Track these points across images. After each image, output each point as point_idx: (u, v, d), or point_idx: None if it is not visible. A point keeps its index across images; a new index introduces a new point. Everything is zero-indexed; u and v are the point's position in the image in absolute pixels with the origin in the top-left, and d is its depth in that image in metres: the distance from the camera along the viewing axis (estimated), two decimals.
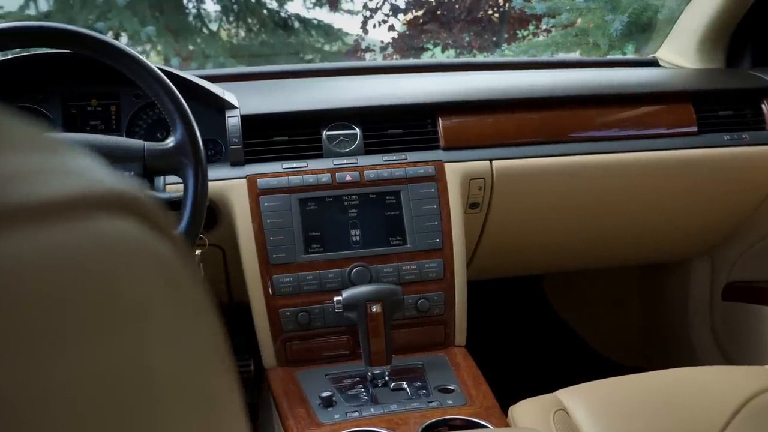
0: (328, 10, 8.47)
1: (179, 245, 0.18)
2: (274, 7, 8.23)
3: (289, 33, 8.26)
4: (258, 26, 8.13)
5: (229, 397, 0.20)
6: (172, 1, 7.28)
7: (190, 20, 7.56)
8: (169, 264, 0.17)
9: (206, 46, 7.28)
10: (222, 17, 7.97)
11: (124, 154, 0.94)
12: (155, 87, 0.96)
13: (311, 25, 8.27)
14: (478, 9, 7.46)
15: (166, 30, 6.85)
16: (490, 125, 1.29)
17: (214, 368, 0.19)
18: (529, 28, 6.66)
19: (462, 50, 7.47)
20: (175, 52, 6.83)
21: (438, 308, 1.19)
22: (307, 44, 8.42)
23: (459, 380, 1.08)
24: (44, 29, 0.94)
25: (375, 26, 8.16)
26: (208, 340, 0.19)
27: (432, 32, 7.75)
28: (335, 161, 1.21)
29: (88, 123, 1.28)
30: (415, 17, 7.97)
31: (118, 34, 7.15)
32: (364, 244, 1.18)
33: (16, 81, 1.23)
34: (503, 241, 1.40)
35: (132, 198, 0.16)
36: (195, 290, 0.18)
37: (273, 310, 1.15)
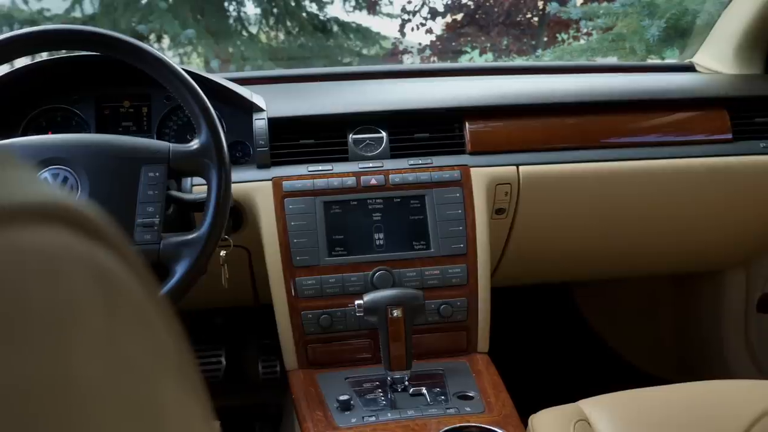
0: (366, 13, 8.50)
1: (123, 253, 0.18)
2: (314, 11, 8.30)
3: (328, 36, 8.31)
4: (297, 29, 8.20)
5: (182, 408, 0.20)
6: (213, 4, 7.38)
7: (230, 23, 7.66)
8: (107, 272, 0.17)
9: (245, 48, 7.36)
10: (262, 20, 8.06)
11: (150, 155, 0.96)
12: (181, 89, 0.97)
13: (349, 28, 8.31)
14: (517, 12, 7.41)
15: (207, 32, 6.95)
16: (518, 130, 1.28)
17: (162, 378, 0.19)
18: (570, 32, 6.59)
19: (500, 54, 7.42)
20: (214, 54, 6.93)
21: (461, 314, 1.18)
22: (345, 47, 8.46)
23: (479, 387, 1.07)
24: (74, 32, 0.97)
25: (413, 29, 8.16)
26: (154, 350, 0.19)
27: (470, 35, 7.72)
28: (361, 165, 1.21)
29: (120, 124, 1.31)
30: (453, 20, 7.94)
31: (160, 37, 7.29)
32: (387, 248, 1.18)
33: (51, 82, 1.26)
34: (530, 248, 1.39)
35: (62, 207, 0.16)
36: (141, 298, 0.18)
37: (295, 312, 1.15)
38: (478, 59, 7.72)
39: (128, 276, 0.18)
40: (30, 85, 1.24)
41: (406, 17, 8.09)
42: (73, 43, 0.98)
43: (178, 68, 0.98)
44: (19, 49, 0.97)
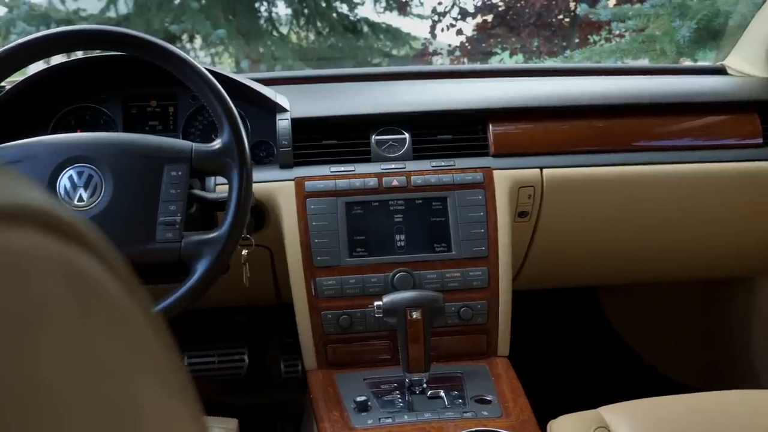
0: (397, 14, 8.51)
1: (101, 255, 0.18)
2: (344, 11, 8.33)
3: (358, 37, 8.33)
4: (327, 30, 8.24)
5: (163, 410, 0.20)
6: (245, 5, 7.45)
7: (261, 23, 7.72)
8: (81, 273, 0.17)
9: (276, 48, 7.42)
10: (292, 20, 8.11)
11: (173, 154, 0.97)
12: (204, 89, 0.98)
13: (380, 29, 8.33)
14: (549, 13, 7.35)
15: (238, 33, 7.02)
16: (542, 133, 1.27)
17: (141, 380, 0.19)
18: (602, 33, 6.51)
19: (530, 55, 7.37)
20: (245, 54, 6.99)
21: (481, 317, 1.17)
22: (375, 48, 8.48)
23: (497, 391, 1.06)
24: (100, 33, 0.98)
25: (443, 30, 8.14)
26: (133, 351, 0.19)
27: (500, 36, 7.68)
28: (383, 166, 1.21)
29: (147, 123, 1.32)
30: (483, 21, 7.91)
31: (193, 37, 7.38)
32: (408, 250, 1.17)
33: (80, 82, 1.28)
34: (554, 251, 1.37)
35: (34, 209, 0.16)
36: (120, 300, 0.18)
37: (315, 312, 1.16)
38: (508, 60, 7.68)
39: (106, 277, 0.18)
40: (60, 84, 1.26)
41: (436, 18, 8.08)
42: (100, 43, 0.99)
43: (201, 68, 0.99)
44: (49, 49, 0.98)
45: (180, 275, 0.96)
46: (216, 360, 1.72)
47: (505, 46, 7.69)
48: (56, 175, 0.94)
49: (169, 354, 0.21)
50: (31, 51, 0.97)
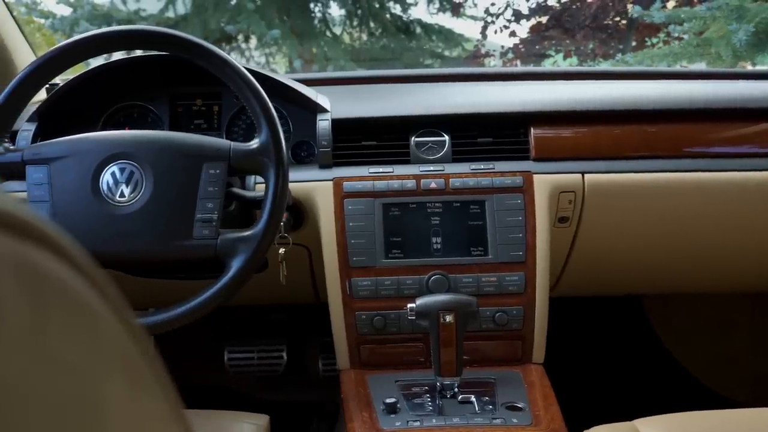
0: (450, 15, 8.49)
1: (64, 253, 0.18)
2: (397, 12, 8.35)
3: (410, 38, 8.34)
4: (380, 31, 8.27)
5: (131, 407, 0.20)
6: (299, 6, 7.54)
7: (315, 24, 7.81)
8: (37, 271, 0.17)
9: (329, 49, 7.49)
10: (346, 21, 8.18)
11: (212, 153, 0.98)
12: (244, 89, 0.99)
13: (432, 30, 8.32)
14: (605, 15, 7.20)
15: (292, 33, 7.11)
16: (585, 137, 1.24)
17: (106, 377, 0.19)
18: (660, 36, 6.36)
19: (585, 58, 7.24)
20: (298, 54, 7.08)
21: (516, 323, 1.16)
22: (427, 49, 8.47)
23: (529, 399, 1.04)
24: (143, 33, 1.00)
25: (496, 32, 8.08)
26: (96, 349, 0.19)
27: (554, 38, 7.57)
28: (422, 168, 1.21)
29: (192, 122, 1.35)
30: (537, 23, 7.81)
31: (248, 37, 7.51)
32: (444, 253, 1.17)
33: (130, 81, 1.31)
34: (595, 258, 1.34)
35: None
36: (84, 298, 0.18)
37: (350, 313, 1.16)
38: (562, 63, 7.57)
39: (68, 275, 0.18)
40: (110, 82, 1.30)
41: (490, 19, 8.02)
42: (144, 43, 1.02)
43: (241, 68, 1.00)
44: (95, 48, 1.01)
45: (216, 272, 0.98)
46: (255, 356, 1.74)
47: (559, 48, 7.58)
48: (99, 171, 0.97)
49: (142, 352, 0.21)
50: (79, 50, 1.00)
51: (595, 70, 1.74)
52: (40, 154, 0.99)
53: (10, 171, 0.99)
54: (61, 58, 1.00)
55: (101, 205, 0.96)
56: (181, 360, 1.90)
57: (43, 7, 8.11)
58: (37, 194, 0.98)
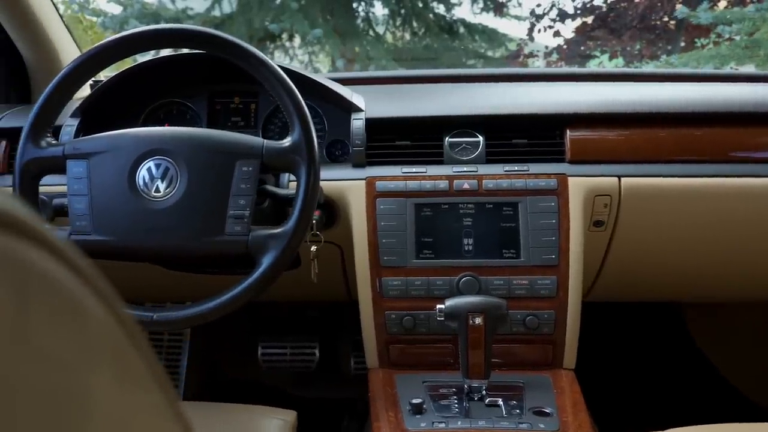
0: (494, 15, 8.43)
1: (50, 246, 0.18)
2: (441, 12, 8.32)
3: (453, 37, 8.31)
4: (423, 30, 8.26)
5: (118, 401, 0.20)
6: (342, 5, 7.58)
7: (358, 23, 7.84)
8: (22, 264, 0.17)
9: (371, 48, 7.51)
10: (389, 21, 8.19)
11: (245, 150, 1.00)
12: (278, 87, 1.00)
13: (476, 30, 8.27)
14: (653, 16, 7.05)
15: (334, 32, 7.15)
16: (623, 140, 1.22)
17: (93, 370, 0.19)
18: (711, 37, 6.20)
19: (631, 59, 7.10)
20: (340, 53, 7.11)
21: (547, 327, 1.14)
22: (470, 49, 8.43)
23: (558, 404, 1.03)
24: (182, 31, 1.02)
25: (540, 32, 7.99)
26: (83, 342, 0.19)
27: (600, 39, 7.45)
28: (455, 168, 1.20)
29: (230, 119, 1.37)
30: (583, 23, 7.70)
31: (292, 36, 7.58)
32: (476, 254, 1.16)
33: (170, 78, 1.34)
34: (631, 263, 1.32)
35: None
36: (71, 291, 0.19)
37: (379, 312, 1.16)
38: (607, 64, 7.45)
39: (54, 267, 0.18)
40: (151, 79, 1.33)
41: (534, 20, 7.94)
42: (182, 41, 1.04)
43: (276, 68, 1.01)
44: (135, 47, 1.04)
45: (246, 267, 0.99)
46: (288, 352, 1.76)
47: (604, 48, 7.46)
48: (136, 167, 0.99)
49: (134, 345, 0.22)
50: (118, 49, 1.02)
51: (635, 71, 1.70)
52: (80, 149, 1.01)
53: (51, 165, 1.02)
54: (100, 57, 1.02)
55: (137, 200, 0.98)
56: (216, 354, 1.93)
57: (95, 6, 8.34)
58: (76, 188, 1.00)
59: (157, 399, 0.23)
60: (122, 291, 1.02)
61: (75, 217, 1.00)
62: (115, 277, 1.00)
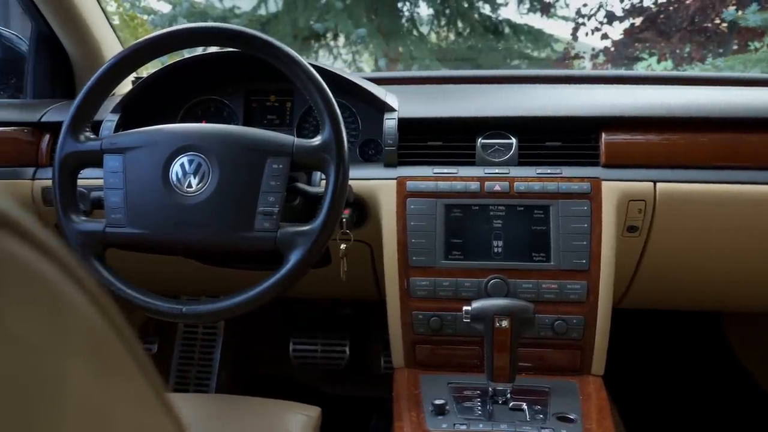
0: (540, 15, 8.34)
1: (28, 235, 0.19)
2: (486, 12, 8.27)
3: (498, 38, 8.25)
4: (467, 30, 8.22)
5: (94, 389, 0.21)
6: (387, 5, 7.59)
7: (402, 23, 7.84)
8: (6, 255, 0.18)
9: (414, 48, 7.51)
10: (433, 21, 8.17)
11: (276, 148, 1.01)
12: (309, 86, 1.01)
13: (521, 30, 8.20)
14: (704, 18, 6.88)
15: (378, 32, 7.17)
16: (659, 144, 1.19)
17: (68, 359, 0.20)
18: (765, 40, 6.02)
19: (680, 62, 6.94)
20: (383, 53, 7.12)
21: (576, 332, 1.13)
22: (515, 50, 8.35)
23: (583, 411, 1.01)
24: (214, 30, 1.04)
25: (587, 33, 7.87)
26: (59, 330, 0.19)
27: (648, 41, 7.30)
28: (486, 170, 1.20)
29: (265, 117, 1.39)
30: (631, 25, 7.55)
31: (337, 35, 7.63)
32: (505, 257, 1.15)
33: (208, 75, 1.36)
34: (667, 270, 1.29)
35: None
36: (48, 279, 0.19)
37: (407, 312, 1.16)
38: (656, 66, 7.30)
39: (31, 255, 0.19)
40: (190, 77, 1.35)
41: (581, 21, 7.82)
42: (214, 39, 1.06)
43: (308, 66, 1.02)
44: (170, 45, 1.06)
45: (274, 263, 1.00)
46: (319, 349, 1.78)
47: (653, 51, 7.30)
48: (170, 162, 1.01)
49: (116, 333, 0.22)
50: (154, 47, 1.05)
51: (673, 74, 1.67)
52: (117, 143, 1.04)
53: (89, 158, 1.05)
54: (136, 55, 1.05)
55: (170, 195, 1.00)
56: (249, 349, 1.96)
57: (146, 4, 8.53)
58: (112, 181, 1.03)
59: (143, 390, 0.24)
60: (160, 284, 1.05)
61: (110, 209, 1.03)
62: (153, 271, 1.02)
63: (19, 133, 1.32)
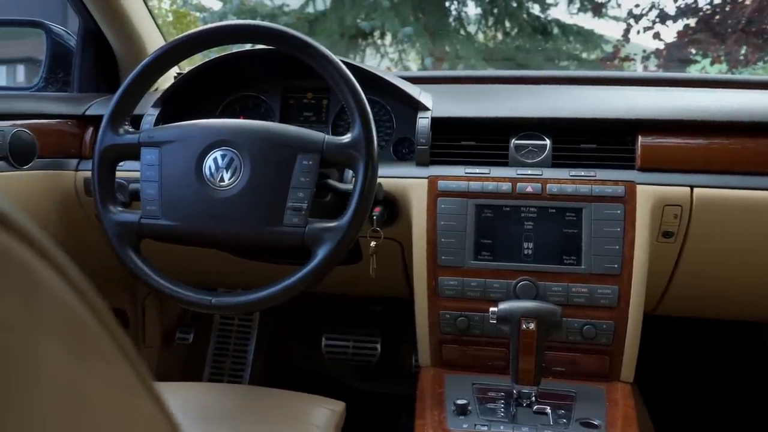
0: (591, 15, 8.20)
1: (9, 223, 0.20)
2: (535, 12, 8.17)
3: (547, 38, 8.14)
4: (516, 30, 8.14)
5: (68, 369, 0.21)
6: (435, 3, 7.57)
7: (449, 22, 7.81)
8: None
9: (461, 47, 7.46)
10: (481, 20, 8.11)
11: (306, 144, 1.02)
12: (340, 83, 1.02)
13: (570, 31, 8.08)
14: (762, 19, 6.67)
15: (425, 31, 7.15)
16: (697, 149, 1.17)
17: (42, 339, 0.21)
18: None
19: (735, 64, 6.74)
20: (429, 52, 7.10)
21: (605, 337, 1.11)
22: (564, 50, 8.23)
23: (608, 417, 1.00)
24: (245, 28, 1.06)
25: (638, 32, 7.70)
26: (35, 309, 0.20)
27: (702, 42, 7.10)
28: (519, 171, 1.19)
29: (302, 114, 1.40)
30: (685, 26, 7.37)
31: (384, 33, 7.65)
32: (535, 259, 1.14)
33: (247, 72, 1.38)
34: (703, 277, 1.26)
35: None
36: (23, 260, 0.20)
37: (434, 311, 1.17)
38: (710, 69, 7.10)
39: (8, 241, 0.20)
40: (229, 73, 1.38)
41: (632, 21, 7.65)
42: (245, 36, 1.08)
43: (340, 64, 1.03)
44: (206, 42, 1.08)
45: (301, 258, 1.01)
46: (351, 345, 1.79)
47: (706, 53, 7.10)
48: (203, 156, 1.03)
49: (95, 317, 0.23)
50: (190, 44, 1.07)
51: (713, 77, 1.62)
52: (154, 137, 1.07)
53: (127, 151, 1.08)
54: (174, 52, 1.08)
55: (202, 188, 1.02)
56: (282, 343, 1.98)
57: (198, 2, 8.69)
58: (148, 174, 1.06)
59: (124, 373, 0.25)
60: (199, 277, 1.08)
61: (146, 201, 1.05)
62: (191, 264, 1.05)
63: (64, 126, 1.37)
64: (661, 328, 1.45)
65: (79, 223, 1.37)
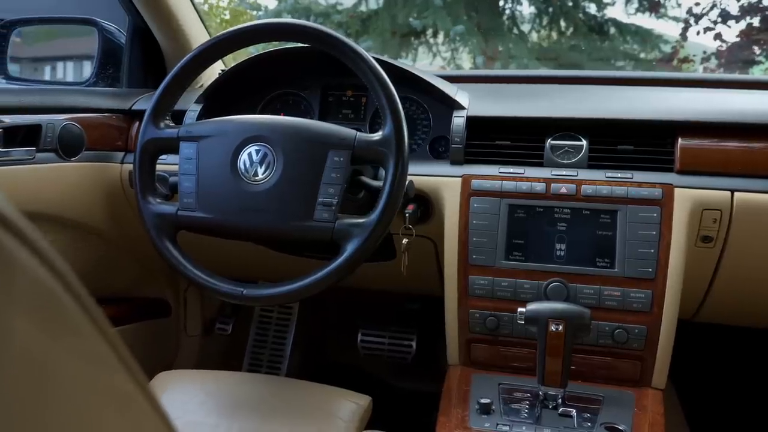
0: (649, 15, 8.02)
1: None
2: (591, 11, 8.03)
3: (603, 38, 8.00)
4: (570, 30, 8.01)
5: (37, 345, 0.23)
6: (488, 2, 7.51)
7: (502, 21, 7.74)
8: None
9: (513, 47, 7.39)
10: (535, 19, 8.01)
11: (338, 141, 1.03)
12: (372, 81, 1.03)
13: (628, 30, 7.92)
14: None
15: (477, 29, 7.11)
16: (739, 152, 1.14)
17: (16, 312, 0.22)
18: None
19: None
20: (481, 51, 7.06)
21: (637, 342, 1.09)
22: (620, 50, 8.07)
23: (634, 423, 0.98)
24: (280, 26, 1.08)
25: (698, 32, 7.49)
26: (5, 283, 0.22)
27: (766, 42, 6.85)
28: (554, 171, 1.18)
29: (341, 111, 1.42)
30: (748, 25, 7.12)
31: (436, 32, 7.63)
32: (567, 261, 1.13)
33: (287, 69, 1.41)
34: (745, 284, 1.23)
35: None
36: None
37: (464, 309, 1.17)
38: None
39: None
40: (271, 70, 1.40)
41: (692, 21, 7.44)
42: (280, 34, 1.10)
43: (372, 61, 1.04)
44: (242, 41, 1.10)
45: (329, 253, 1.03)
46: (386, 341, 1.80)
47: None
48: (239, 151, 1.06)
49: (73, 297, 0.24)
50: (227, 42, 1.10)
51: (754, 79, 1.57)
52: (192, 132, 1.10)
53: (167, 145, 1.12)
54: (213, 50, 1.11)
55: (237, 182, 1.05)
56: (320, 337, 2.01)
57: (254, 0, 8.85)
58: (186, 167, 1.09)
59: (100, 350, 0.26)
60: (240, 270, 1.11)
61: (183, 194, 1.09)
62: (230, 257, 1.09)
63: (111, 120, 1.42)
64: (706, 335, 1.41)
65: (124, 214, 1.42)
